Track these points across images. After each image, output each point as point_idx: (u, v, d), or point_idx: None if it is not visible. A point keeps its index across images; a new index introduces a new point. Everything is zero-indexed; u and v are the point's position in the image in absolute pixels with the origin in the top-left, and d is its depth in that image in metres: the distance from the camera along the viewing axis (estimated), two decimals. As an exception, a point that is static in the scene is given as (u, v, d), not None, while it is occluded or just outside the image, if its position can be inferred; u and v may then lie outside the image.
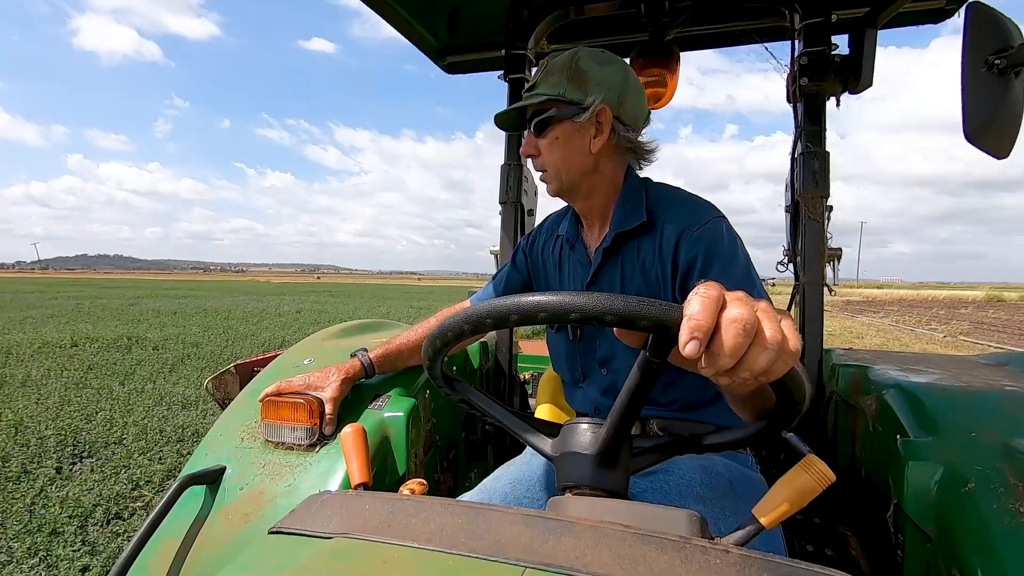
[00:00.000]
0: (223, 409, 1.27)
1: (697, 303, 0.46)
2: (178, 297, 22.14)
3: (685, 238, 0.94)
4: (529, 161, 1.11)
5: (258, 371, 1.40)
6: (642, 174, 1.09)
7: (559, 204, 1.21)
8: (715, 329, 0.45)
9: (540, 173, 1.06)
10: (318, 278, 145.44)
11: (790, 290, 1.48)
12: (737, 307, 0.46)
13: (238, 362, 1.62)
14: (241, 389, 1.29)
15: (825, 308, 1.38)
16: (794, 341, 0.48)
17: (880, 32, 1.41)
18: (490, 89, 1.76)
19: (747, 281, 0.89)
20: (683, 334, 0.45)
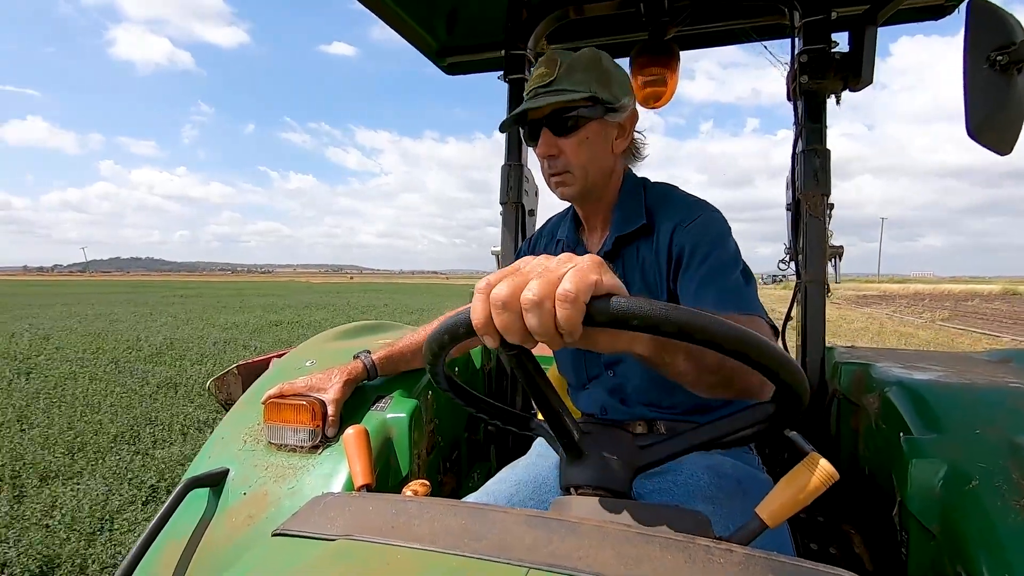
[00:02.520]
0: (226, 410, 1.27)
1: (476, 301, 0.47)
2: (257, 296, 22.81)
3: (677, 232, 0.95)
4: (531, 161, 1.09)
5: (262, 368, 1.40)
6: (648, 175, 1.08)
7: (558, 204, 1.20)
8: None
9: (558, 175, 0.98)
10: (351, 278, 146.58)
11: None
12: (497, 288, 0.45)
13: (240, 363, 1.61)
14: (244, 390, 1.29)
15: (835, 301, 1.37)
16: (567, 284, 0.43)
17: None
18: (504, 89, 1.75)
19: (733, 264, 0.90)
20: (478, 334, 0.47)
